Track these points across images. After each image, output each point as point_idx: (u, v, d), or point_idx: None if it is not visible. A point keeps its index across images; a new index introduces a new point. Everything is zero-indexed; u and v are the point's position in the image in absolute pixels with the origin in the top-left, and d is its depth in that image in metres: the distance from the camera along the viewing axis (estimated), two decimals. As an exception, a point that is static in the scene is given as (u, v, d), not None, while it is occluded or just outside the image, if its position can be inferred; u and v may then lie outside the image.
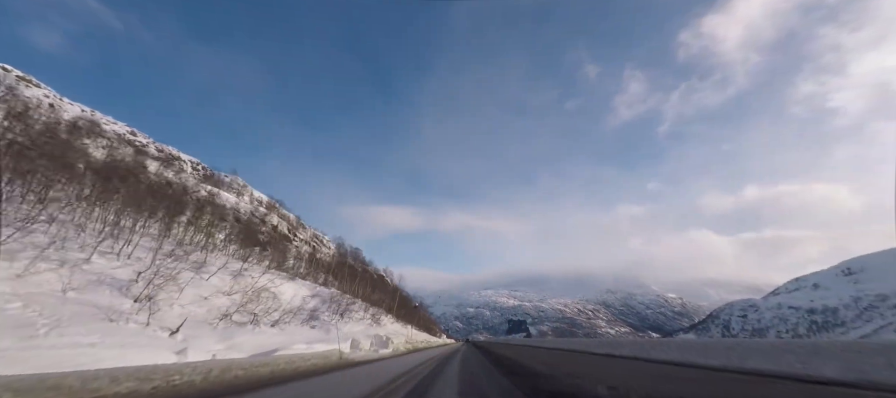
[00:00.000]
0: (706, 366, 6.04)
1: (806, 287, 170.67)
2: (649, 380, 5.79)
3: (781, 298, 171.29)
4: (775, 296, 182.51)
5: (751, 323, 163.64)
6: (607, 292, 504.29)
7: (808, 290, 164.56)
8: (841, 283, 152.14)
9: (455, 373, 9.22)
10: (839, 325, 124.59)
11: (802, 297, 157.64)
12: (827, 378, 3.94)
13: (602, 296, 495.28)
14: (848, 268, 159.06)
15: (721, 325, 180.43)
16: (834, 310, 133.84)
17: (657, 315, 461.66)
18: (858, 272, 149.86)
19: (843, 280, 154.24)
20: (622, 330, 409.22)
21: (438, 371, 9.84)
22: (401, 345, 25.63)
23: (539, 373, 8.43)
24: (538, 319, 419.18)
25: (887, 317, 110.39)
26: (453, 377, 8.29)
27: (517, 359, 14.15)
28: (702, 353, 6.51)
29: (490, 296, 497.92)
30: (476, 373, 9.73)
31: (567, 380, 6.85)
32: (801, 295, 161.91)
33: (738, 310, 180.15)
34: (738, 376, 5.06)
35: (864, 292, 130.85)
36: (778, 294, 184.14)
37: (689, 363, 6.58)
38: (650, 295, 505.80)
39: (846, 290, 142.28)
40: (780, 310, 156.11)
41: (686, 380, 5.42)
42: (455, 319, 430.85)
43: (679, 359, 7.05)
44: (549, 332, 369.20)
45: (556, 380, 6.99)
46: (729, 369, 5.49)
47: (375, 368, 10.66)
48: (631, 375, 6.69)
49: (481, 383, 7.43)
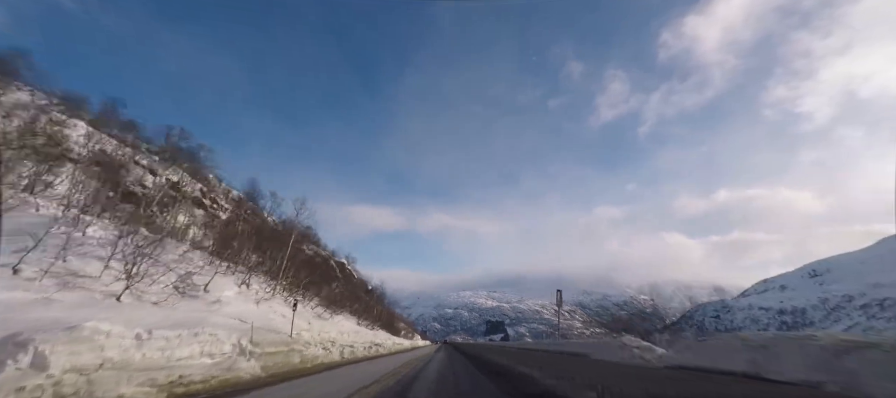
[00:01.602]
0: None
1: (774, 288, 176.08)
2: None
3: (752, 299, 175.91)
4: (745, 297, 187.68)
5: (724, 323, 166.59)
6: (583, 293, 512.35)
7: (776, 291, 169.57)
8: (807, 285, 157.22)
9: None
10: (808, 325, 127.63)
11: (772, 298, 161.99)
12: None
13: (578, 297, 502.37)
14: (813, 270, 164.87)
15: (695, 326, 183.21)
16: (802, 311, 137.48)
17: (630, 316, 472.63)
18: (823, 274, 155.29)
19: (809, 281, 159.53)
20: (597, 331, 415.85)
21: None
22: (333, 350, 18.37)
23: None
24: (516, 320, 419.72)
25: (854, 318, 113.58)
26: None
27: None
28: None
29: (469, 297, 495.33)
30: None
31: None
32: (771, 296, 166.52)
33: (711, 310, 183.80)
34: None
35: (831, 293, 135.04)
36: (748, 295, 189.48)
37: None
38: (623, 296, 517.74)
39: (813, 291, 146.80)
40: (751, 311, 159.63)
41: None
42: (433, 320, 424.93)
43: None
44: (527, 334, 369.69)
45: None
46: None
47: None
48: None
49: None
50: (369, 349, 20.04)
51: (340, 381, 10.98)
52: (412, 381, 11.00)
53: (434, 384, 10.72)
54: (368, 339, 22.88)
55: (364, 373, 12.94)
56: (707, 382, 5.22)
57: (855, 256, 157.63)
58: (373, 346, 21.62)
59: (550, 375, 8.21)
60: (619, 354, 10.39)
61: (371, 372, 13.54)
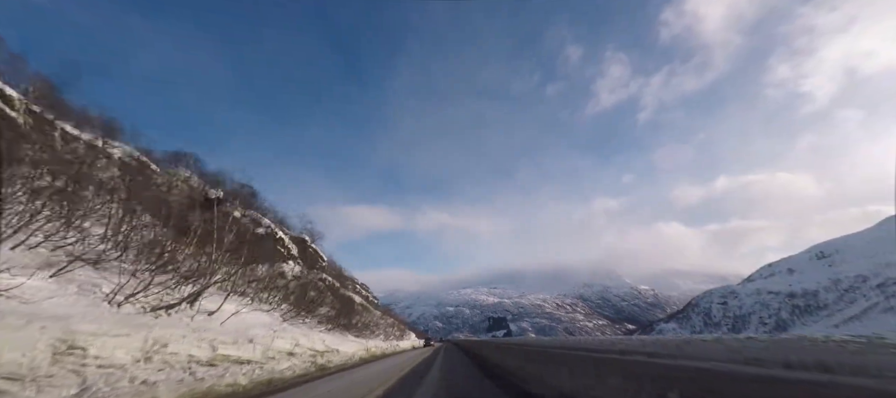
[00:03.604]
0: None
1: (780, 272, 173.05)
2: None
3: (758, 284, 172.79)
4: (751, 282, 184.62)
5: (732, 309, 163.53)
6: (584, 286, 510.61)
7: (784, 275, 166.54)
8: (815, 267, 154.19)
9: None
10: (822, 308, 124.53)
11: (780, 282, 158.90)
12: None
13: (579, 290, 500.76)
14: (820, 251, 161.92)
15: (701, 313, 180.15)
16: (814, 294, 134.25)
17: (632, 307, 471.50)
18: (832, 255, 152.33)
19: (816, 264, 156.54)
20: (600, 323, 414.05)
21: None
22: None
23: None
24: (518, 316, 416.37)
25: (870, 298, 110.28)
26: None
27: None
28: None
29: (469, 294, 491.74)
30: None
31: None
32: (778, 280, 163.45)
33: (717, 297, 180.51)
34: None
35: (842, 274, 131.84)
36: (753, 280, 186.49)
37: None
38: (624, 287, 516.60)
39: (822, 274, 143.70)
40: (759, 296, 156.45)
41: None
42: (435, 319, 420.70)
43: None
44: (530, 329, 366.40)
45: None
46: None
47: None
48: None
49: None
50: (312, 363, 12.15)
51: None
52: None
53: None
54: (316, 347, 15.31)
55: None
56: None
57: (861, 237, 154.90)
58: (318, 356, 14.24)
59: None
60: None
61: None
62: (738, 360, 8.27)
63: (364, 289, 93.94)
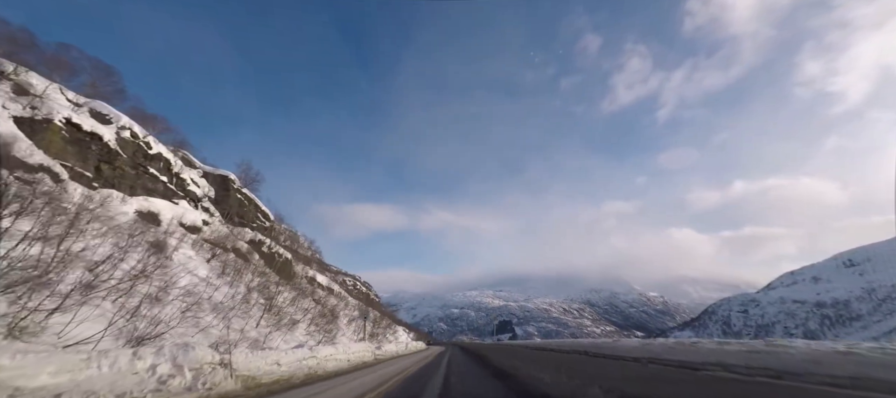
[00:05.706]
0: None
1: (804, 280, 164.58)
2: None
3: (780, 292, 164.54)
4: (772, 290, 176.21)
5: (753, 318, 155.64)
6: (592, 291, 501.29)
7: (808, 283, 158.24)
8: (844, 276, 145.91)
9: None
10: (855, 320, 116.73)
11: (805, 291, 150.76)
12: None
13: (586, 295, 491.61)
14: (849, 259, 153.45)
15: (720, 322, 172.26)
16: (845, 303, 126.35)
17: (640, 314, 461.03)
18: (862, 263, 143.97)
19: (845, 272, 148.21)
20: (607, 329, 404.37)
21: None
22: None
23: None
24: (524, 320, 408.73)
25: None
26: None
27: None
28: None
29: (474, 296, 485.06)
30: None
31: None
32: (803, 288, 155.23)
33: (737, 305, 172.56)
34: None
35: (876, 283, 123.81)
36: (774, 288, 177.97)
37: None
38: (633, 293, 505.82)
39: (853, 282, 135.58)
40: (784, 305, 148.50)
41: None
42: (439, 321, 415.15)
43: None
44: (536, 333, 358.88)
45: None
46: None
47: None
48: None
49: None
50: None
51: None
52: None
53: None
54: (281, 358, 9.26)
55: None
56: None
57: (890, 245, 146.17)
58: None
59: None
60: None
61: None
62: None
63: (366, 286, 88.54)
